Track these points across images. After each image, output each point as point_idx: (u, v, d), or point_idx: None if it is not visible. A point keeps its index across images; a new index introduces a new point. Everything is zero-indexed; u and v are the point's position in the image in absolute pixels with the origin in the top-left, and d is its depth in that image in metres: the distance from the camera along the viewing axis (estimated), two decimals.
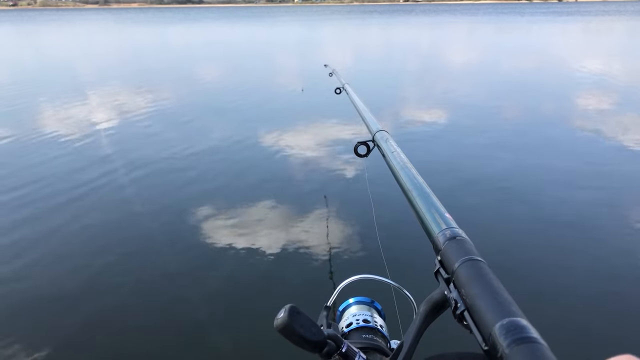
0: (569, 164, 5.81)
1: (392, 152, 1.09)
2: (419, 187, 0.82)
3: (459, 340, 0.75)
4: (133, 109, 9.37)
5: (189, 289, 3.35)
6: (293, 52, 22.11)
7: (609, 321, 2.97)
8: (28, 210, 4.70)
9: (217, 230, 4.20)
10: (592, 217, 4.37)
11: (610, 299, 3.19)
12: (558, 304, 3.14)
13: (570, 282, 3.38)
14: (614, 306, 3.12)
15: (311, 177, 5.48)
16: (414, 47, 23.68)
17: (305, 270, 3.57)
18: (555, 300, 3.17)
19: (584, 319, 3.00)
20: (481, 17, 58.26)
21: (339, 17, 70.26)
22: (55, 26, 53.05)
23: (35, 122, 8.39)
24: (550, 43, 23.59)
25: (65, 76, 14.49)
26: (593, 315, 3.03)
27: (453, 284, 0.52)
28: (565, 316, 3.02)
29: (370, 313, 0.82)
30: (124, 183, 5.39)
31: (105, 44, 28.30)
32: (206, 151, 6.53)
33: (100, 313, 3.12)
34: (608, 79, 12.12)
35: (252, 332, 2.89)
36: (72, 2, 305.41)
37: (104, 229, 4.29)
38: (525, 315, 0.42)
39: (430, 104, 9.55)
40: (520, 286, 3.23)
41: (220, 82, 12.94)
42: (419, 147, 6.46)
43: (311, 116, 8.40)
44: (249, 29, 41.10)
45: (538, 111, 8.73)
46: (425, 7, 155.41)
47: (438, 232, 0.62)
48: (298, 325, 0.58)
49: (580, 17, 49.93)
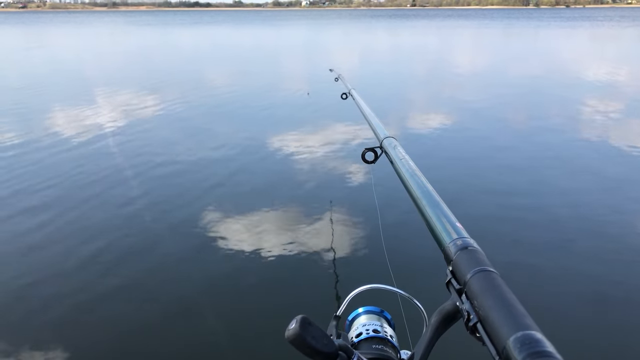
0: (585, 172, 5.72)
1: (400, 159, 1.08)
2: (429, 195, 0.81)
3: (470, 352, 0.78)
4: (140, 112, 9.40)
5: (192, 292, 3.34)
6: (300, 56, 22.16)
7: (629, 335, 2.89)
8: (32, 208, 4.71)
9: (222, 234, 4.20)
10: (609, 226, 4.29)
11: (631, 313, 3.09)
12: (574, 318, 3.06)
13: (587, 294, 3.28)
14: (636, 321, 3.02)
15: (317, 183, 5.46)
16: (421, 52, 23.66)
17: (311, 277, 3.55)
18: (571, 314, 3.09)
19: (602, 333, 2.91)
20: (489, 22, 58.13)
21: (346, 21, 70.38)
22: (66, 28, 53.45)
23: (45, 123, 8.44)
24: (559, 48, 23.49)
25: (75, 78, 14.59)
26: (611, 329, 2.95)
27: (465, 295, 0.51)
28: (581, 330, 2.94)
29: (380, 323, 0.81)
30: (131, 184, 5.40)
31: (114, 46, 28.48)
32: (212, 154, 6.54)
33: (103, 313, 3.12)
34: (622, 86, 12.04)
35: (258, 341, 2.86)
36: (80, 5, 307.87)
37: (109, 228, 4.29)
38: (540, 328, 0.41)
39: (438, 110, 9.51)
40: (533, 298, 3.12)
41: (226, 86, 12.97)
42: (427, 154, 6.41)
43: (318, 121, 8.39)
44: (256, 33, 41.22)
45: (549, 118, 8.65)
46: (432, 11, 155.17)
47: (449, 242, 0.61)
48: (310, 336, 0.58)
49: (588, 23, 49.70)
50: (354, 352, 0.64)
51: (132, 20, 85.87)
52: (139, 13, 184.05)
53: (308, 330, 0.58)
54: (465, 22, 59.47)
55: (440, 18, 78.14)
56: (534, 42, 28.07)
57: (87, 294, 3.36)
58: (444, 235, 0.64)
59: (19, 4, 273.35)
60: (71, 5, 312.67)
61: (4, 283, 3.50)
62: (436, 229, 0.68)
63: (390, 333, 0.79)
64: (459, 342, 0.83)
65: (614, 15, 75.56)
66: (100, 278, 3.54)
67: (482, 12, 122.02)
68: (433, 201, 0.78)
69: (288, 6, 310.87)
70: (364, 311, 0.85)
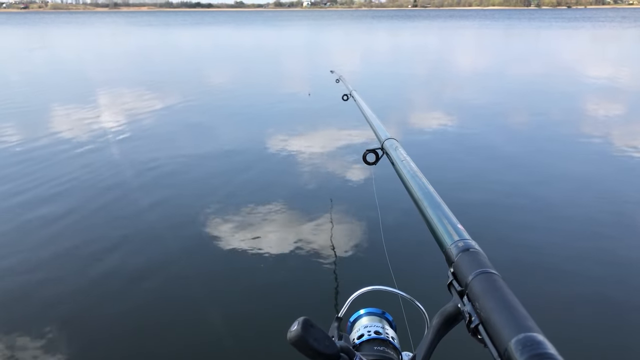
0: (587, 174, 5.70)
1: (401, 161, 1.08)
2: (430, 197, 0.81)
3: (472, 354, 0.78)
4: (142, 112, 9.41)
5: (193, 293, 3.35)
6: (301, 57, 22.17)
7: (629, 337, 2.88)
8: (37, 209, 4.72)
9: (223, 234, 4.20)
10: (612, 227, 4.28)
11: (634, 315, 3.07)
12: (575, 319, 3.04)
13: (589, 296, 3.27)
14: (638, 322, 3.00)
15: (319, 184, 5.46)
16: (422, 52, 23.66)
17: (312, 278, 3.55)
18: (572, 316, 3.08)
19: (605, 335, 2.90)
20: (490, 22, 58.12)
21: (347, 22, 70.40)
22: (69, 29, 53.56)
23: (48, 124, 8.45)
24: (561, 49, 23.48)
25: (79, 78, 14.60)
26: (614, 331, 2.93)
27: (467, 296, 0.51)
28: (583, 332, 2.93)
29: (382, 324, 0.81)
30: (133, 184, 5.40)
31: (117, 47, 28.52)
32: (212, 154, 6.54)
33: (105, 314, 3.12)
34: (625, 87, 12.03)
35: (260, 342, 2.86)
36: (82, 5, 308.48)
37: (112, 228, 4.29)
38: (541, 330, 0.41)
39: (439, 111, 9.50)
40: (535, 300, 3.09)
41: (227, 86, 12.99)
42: (428, 156, 6.40)
43: (319, 122, 8.39)
44: (258, 33, 41.26)
45: (552, 119, 8.63)
46: (433, 12, 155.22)
47: (450, 244, 0.62)
48: (312, 338, 0.58)
49: (590, 24, 49.67)
50: (355, 354, 0.64)
51: (134, 20, 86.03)
52: (140, 14, 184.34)
53: (310, 332, 0.58)
54: (466, 22, 59.47)
55: (441, 19, 78.15)
56: (535, 43, 28.06)
57: (89, 294, 3.36)
58: (445, 236, 0.65)
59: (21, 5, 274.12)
60: (73, 5, 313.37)
61: (5, 282, 3.51)
62: (437, 231, 0.69)
63: (391, 335, 0.79)
64: (461, 344, 0.82)
65: (615, 16, 75.53)
66: (104, 278, 3.55)
67: (484, 13, 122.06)
68: (434, 202, 0.78)
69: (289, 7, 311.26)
70: (366, 313, 0.85)
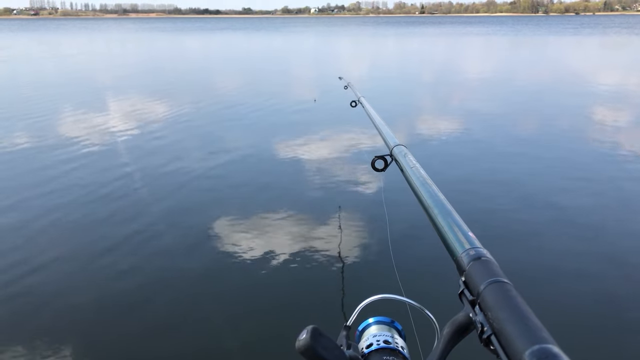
0: (599, 181, 5.63)
1: (411, 168, 1.07)
2: (440, 204, 0.80)
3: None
4: (151, 117, 9.47)
5: (199, 298, 3.34)
6: (310, 64, 22.23)
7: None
8: (44, 213, 4.74)
9: (231, 241, 4.19)
10: (630, 237, 4.21)
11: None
12: (590, 331, 2.99)
13: (604, 307, 3.21)
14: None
15: (327, 190, 5.43)
16: (430, 59, 23.66)
17: (320, 286, 3.53)
18: (587, 327, 3.02)
19: (620, 348, 2.83)
20: (498, 29, 58.03)
21: (355, 29, 70.63)
22: (80, 35, 54.17)
23: (57, 129, 8.53)
24: (571, 56, 23.38)
25: (87, 85, 14.75)
26: (631, 343, 2.87)
27: (479, 306, 0.51)
28: (599, 344, 2.87)
29: (391, 334, 0.80)
30: (141, 188, 5.41)
31: (130, 54, 28.79)
32: (220, 160, 6.55)
33: (109, 315, 3.12)
34: (635, 95, 11.93)
35: (268, 351, 2.85)
36: (92, 12, 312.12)
37: (118, 231, 4.29)
38: (556, 342, 0.40)
39: (448, 118, 9.46)
40: (549, 311, 3.01)
41: (236, 92, 13.05)
42: (437, 162, 6.36)
43: (327, 128, 8.38)
44: (266, 40, 41.49)
45: (564, 126, 8.56)
46: (441, 19, 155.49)
47: (462, 252, 0.61)
48: (321, 347, 0.57)
49: (599, 30, 49.45)
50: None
51: (144, 27, 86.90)
52: (150, 20, 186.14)
53: (319, 341, 0.57)
54: (474, 29, 59.42)
55: (449, 25, 78.18)
56: (544, 50, 27.96)
57: (92, 294, 3.36)
58: (456, 245, 0.64)
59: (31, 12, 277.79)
60: (82, 12, 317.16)
61: (6, 282, 3.52)
62: (448, 239, 0.68)
63: (401, 344, 0.78)
64: (472, 354, 0.81)
65: (623, 22, 75.17)
66: (109, 281, 3.55)
67: (491, 20, 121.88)
68: (445, 210, 0.77)
69: (297, 13, 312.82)
70: (375, 321, 0.83)
